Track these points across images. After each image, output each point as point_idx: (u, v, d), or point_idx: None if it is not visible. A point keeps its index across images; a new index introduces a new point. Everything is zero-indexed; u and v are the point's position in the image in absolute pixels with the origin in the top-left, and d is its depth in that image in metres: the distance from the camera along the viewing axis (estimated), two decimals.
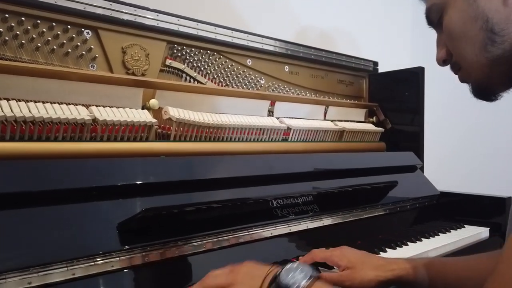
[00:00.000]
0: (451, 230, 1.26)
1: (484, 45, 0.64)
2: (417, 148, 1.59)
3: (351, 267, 0.81)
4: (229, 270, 0.65)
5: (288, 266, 0.60)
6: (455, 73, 0.74)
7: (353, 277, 0.79)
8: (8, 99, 0.84)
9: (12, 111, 0.81)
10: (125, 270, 0.74)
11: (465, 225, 1.33)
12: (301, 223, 1.03)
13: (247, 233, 0.92)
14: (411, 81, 1.62)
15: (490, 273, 0.54)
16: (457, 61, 0.71)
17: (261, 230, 0.95)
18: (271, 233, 0.97)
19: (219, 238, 0.87)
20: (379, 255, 0.93)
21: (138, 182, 0.86)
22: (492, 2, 0.63)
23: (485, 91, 0.70)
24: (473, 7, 0.64)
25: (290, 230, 1.00)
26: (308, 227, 1.04)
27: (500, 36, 0.63)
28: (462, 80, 0.73)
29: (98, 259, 0.71)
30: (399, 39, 2.39)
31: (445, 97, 2.26)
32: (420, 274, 0.80)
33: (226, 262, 0.85)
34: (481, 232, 1.28)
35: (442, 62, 0.73)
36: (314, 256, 0.87)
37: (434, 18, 0.71)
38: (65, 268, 0.68)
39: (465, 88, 0.76)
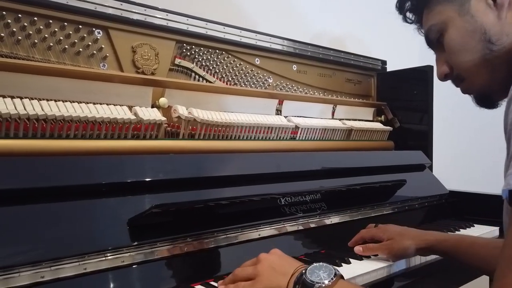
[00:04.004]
0: (460, 229, 1.25)
1: (484, 54, 0.73)
2: (426, 147, 1.58)
3: (391, 239, 0.94)
4: (256, 260, 0.69)
5: (313, 266, 0.64)
6: (457, 85, 0.81)
7: (392, 247, 0.92)
8: (21, 97, 0.86)
9: (25, 109, 0.83)
10: (135, 266, 0.75)
11: (474, 224, 1.32)
12: (309, 220, 1.04)
13: (255, 230, 0.93)
14: (419, 79, 1.61)
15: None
16: (459, 74, 0.79)
17: (269, 228, 0.95)
18: (279, 231, 0.97)
19: (228, 235, 0.88)
20: (416, 229, 1.01)
21: (147, 179, 0.87)
22: (488, 17, 0.73)
23: (488, 98, 0.78)
24: (471, 22, 0.74)
25: (298, 228, 1.01)
26: (316, 225, 1.05)
27: (497, 45, 0.72)
28: (465, 91, 0.80)
29: (108, 254, 0.73)
30: (407, 38, 2.38)
31: (454, 95, 2.24)
32: (450, 248, 0.92)
33: (234, 259, 0.87)
34: (490, 232, 1.27)
35: (443, 77, 0.81)
36: (362, 235, 0.99)
37: (434, 38, 0.80)
38: (77, 263, 0.69)
39: None
